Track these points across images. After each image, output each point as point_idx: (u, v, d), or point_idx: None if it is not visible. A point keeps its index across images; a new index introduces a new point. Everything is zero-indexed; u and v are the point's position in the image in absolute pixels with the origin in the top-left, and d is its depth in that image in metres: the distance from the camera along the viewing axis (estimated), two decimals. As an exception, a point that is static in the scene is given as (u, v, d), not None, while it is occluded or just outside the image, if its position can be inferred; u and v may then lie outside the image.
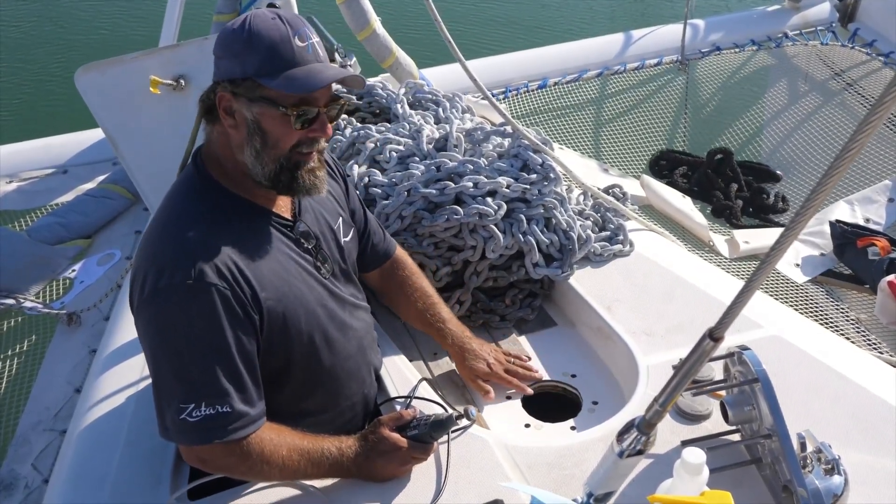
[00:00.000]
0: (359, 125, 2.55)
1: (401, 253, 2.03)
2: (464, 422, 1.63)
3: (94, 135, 3.57)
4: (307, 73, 1.39)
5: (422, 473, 1.58)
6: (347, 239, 1.73)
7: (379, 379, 1.85)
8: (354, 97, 2.76)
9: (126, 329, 2.25)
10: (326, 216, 1.68)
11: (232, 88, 1.40)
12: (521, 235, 2.23)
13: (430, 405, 1.75)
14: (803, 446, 1.41)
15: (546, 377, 2.08)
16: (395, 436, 1.55)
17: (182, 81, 1.98)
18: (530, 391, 1.96)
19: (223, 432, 1.38)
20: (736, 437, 1.61)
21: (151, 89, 1.90)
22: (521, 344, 2.21)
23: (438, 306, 1.98)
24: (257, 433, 1.43)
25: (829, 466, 1.40)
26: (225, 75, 1.41)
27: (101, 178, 3.47)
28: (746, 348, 1.55)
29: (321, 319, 1.57)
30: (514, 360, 2.03)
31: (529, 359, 2.08)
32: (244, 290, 1.40)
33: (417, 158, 2.36)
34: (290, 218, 1.58)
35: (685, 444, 1.60)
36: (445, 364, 2.13)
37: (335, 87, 1.61)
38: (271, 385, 1.50)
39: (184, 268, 1.36)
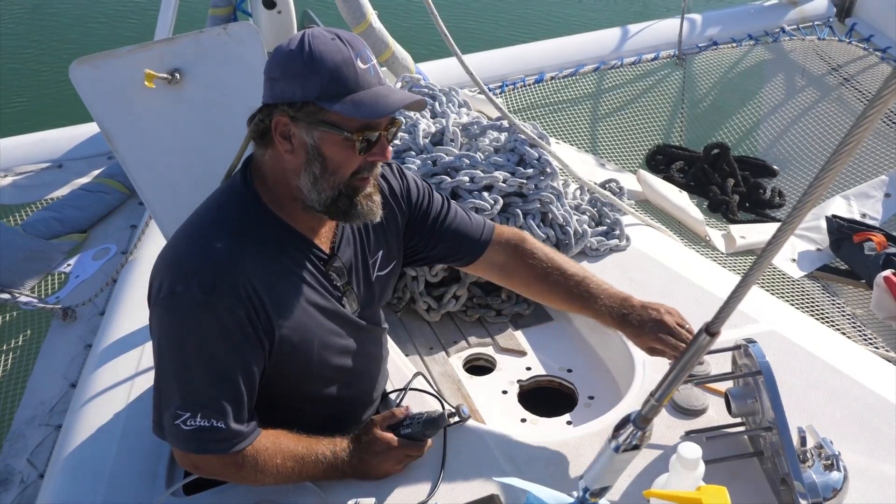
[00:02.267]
0: (355, 119, 2.55)
1: (509, 231, 1.78)
2: (456, 419, 1.63)
3: (90, 129, 3.56)
4: (374, 98, 1.32)
5: (418, 468, 1.58)
6: (383, 273, 1.64)
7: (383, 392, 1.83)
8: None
9: (121, 324, 2.24)
10: (367, 249, 1.59)
11: (291, 112, 1.32)
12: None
13: (424, 400, 1.75)
14: (804, 441, 1.41)
15: (542, 371, 2.08)
16: (388, 435, 1.54)
17: (177, 75, 1.96)
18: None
19: (215, 445, 1.38)
20: (739, 429, 1.62)
21: (146, 83, 1.88)
22: (518, 339, 2.21)
23: (583, 280, 1.70)
24: (252, 445, 1.42)
25: (829, 462, 1.41)
26: (282, 98, 1.32)
27: (97, 172, 3.46)
28: (753, 341, 1.55)
29: (334, 351, 1.53)
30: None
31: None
32: (258, 313, 1.37)
33: (414, 153, 2.35)
34: (326, 251, 1.51)
35: (688, 434, 1.60)
36: (441, 359, 2.13)
37: None
38: (272, 403, 1.49)
39: (201, 279, 1.32)
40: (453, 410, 1.60)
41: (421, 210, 1.68)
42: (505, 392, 2.02)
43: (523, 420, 1.93)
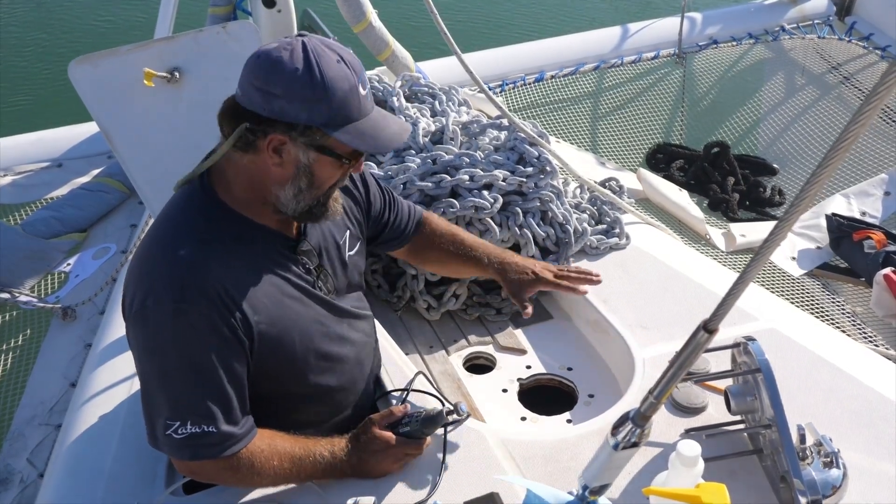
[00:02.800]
0: (354, 118, 2.55)
1: (426, 214, 1.93)
2: (454, 417, 1.63)
3: (89, 128, 3.56)
4: (374, 129, 1.36)
5: (418, 466, 1.58)
6: (353, 252, 1.67)
7: (377, 379, 1.84)
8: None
9: (121, 323, 2.24)
10: (333, 231, 1.62)
11: (292, 134, 1.33)
12: (517, 228, 2.22)
13: (425, 399, 1.75)
14: (803, 438, 1.41)
15: (542, 370, 2.08)
16: (387, 434, 1.54)
17: (177, 74, 1.96)
18: (585, 290, 1.85)
19: (209, 450, 1.38)
20: (738, 427, 1.62)
21: (145, 82, 1.88)
22: (518, 337, 2.21)
23: (466, 240, 1.90)
24: (247, 447, 1.42)
25: (828, 459, 1.41)
26: (282, 117, 1.30)
27: (97, 171, 3.46)
28: (752, 339, 1.55)
29: (316, 339, 1.54)
30: (566, 269, 1.90)
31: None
32: (233, 314, 1.36)
33: (414, 151, 2.35)
34: (293, 236, 1.53)
35: (688, 431, 1.61)
36: (441, 358, 2.13)
37: None
38: (264, 401, 1.48)
39: (171, 288, 1.32)
40: (451, 408, 1.60)
41: (377, 204, 1.77)
42: (505, 390, 2.02)
43: (523, 418, 1.93)
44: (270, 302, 1.44)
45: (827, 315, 2.90)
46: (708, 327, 1.04)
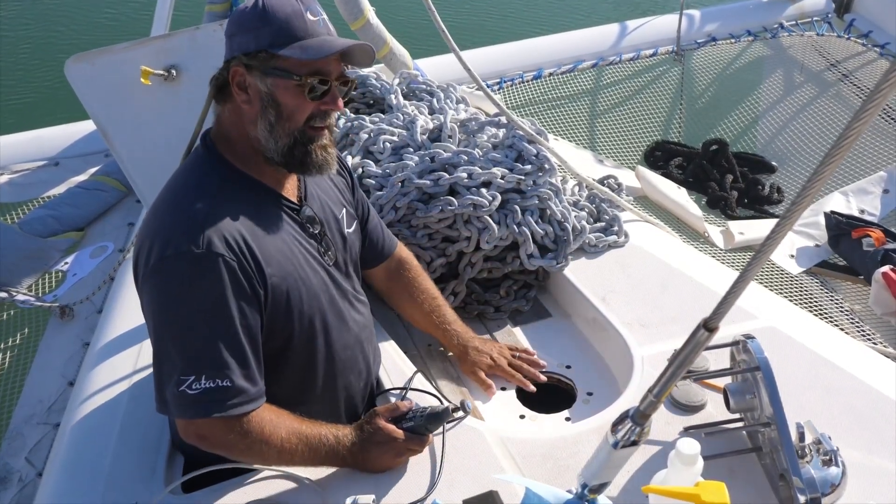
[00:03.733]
0: (352, 116, 2.54)
1: (405, 252, 2.02)
2: (459, 414, 1.63)
3: (86, 126, 3.55)
4: (320, 42, 1.42)
5: (417, 464, 1.57)
6: (350, 230, 1.72)
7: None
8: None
9: (119, 321, 2.24)
10: (331, 205, 1.68)
11: (246, 61, 1.42)
12: (515, 226, 2.22)
13: (425, 397, 1.75)
14: (802, 436, 1.41)
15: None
16: (391, 427, 1.54)
17: (174, 72, 1.96)
18: (532, 388, 1.96)
19: (222, 406, 1.37)
20: (738, 425, 1.62)
21: (142, 80, 1.88)
22: (516, 335, 2.21)
23: (444, 308, 2.01)
24: (257, 412, 1.43)
25: (828, 457, 1.41)
26: (238, 50, 1.42)
27: (94, 169, 3.45)
28: (751, 337, 1.55)
29: (323, 304, 1.57)
30: (519, 354, 2.04)
31: (534, 354, 2.07)
32: (250, 264, 1.40)
33: (412, 149, 2.34)
34: (296, 202, 1.58)
35: (687, 430, 1.61)
36: (440, 356, 2.12)
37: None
38: (270, 369, 1.49)
39: (192, 237, 1.36)
40: (457, 405, 1.60)
41: (357, 190, 1.84)
42: (503, 388, 2.02)
43: (522, 416, 1.93)
44: (281, 257, 1.48)
45: (826, 313, 2.90)
46: (708, 325, 1.03)
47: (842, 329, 2.75)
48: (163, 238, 1.38)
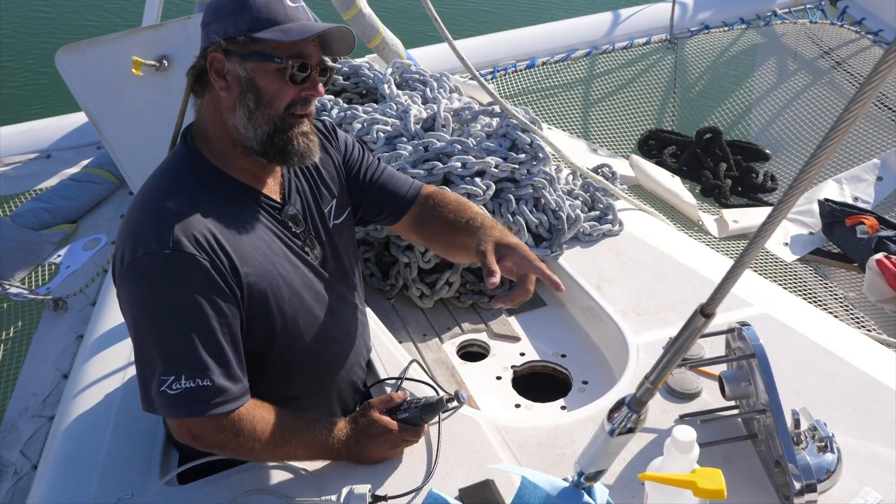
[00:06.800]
0: (345, 106, 2.53)
1: (431, 188, 1.83)
2: (454, 404, 1.63)
3: (78, 118, 3.53)
4: (301, 26, 1.41)
5: (412, 455, 1.57)
6: (339, 221, 1.68)
7: (369, 363, 1.83)
8: (341, 77, 2.73)
9: (113, 314, 2.23)
10: (318, 199, 1.63)
11: (225, 46, 1.39)
12: (510, 215, 2.22)
13: (420, 387, 1.75)
14: (797, 423, 1.42)
15: (536, 357, 2.08)
16: (386, 418, 1.54)
17: (165, 62, 1.94)
18: (562, 287, 1.58)
19: (204, 406, 1.36)
20: (733, 412, 1.62)
21: (133, 70, 1.86)
22: (511, 324, 2.21)
23: (474, 210, 1.74)
24: (247, 410, 1.41)
25: (823, 444, 1.41)
26: (216, 35, 1.40)
27: (86, 162, 3.43)
28: (746, 324, 1.55)
29: (306, 301, 1.54)
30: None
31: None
32: (223, 263, 1.38)
33: (405, 139, 2.34)
34: (278, 200, 1.54)
35: (683, 417, 1.61)
36: (435, 346, 2.12)
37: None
38: (254, 366, 1.48)
39: (161, 237, 1.33)
40: (451, 396, 1.60)
41: (354, 162, 1.75)
42: (499, 378, 2.02)
43: (517, 405, 1.93)
44: (259, 255, 1.45)
45: (820, 300, 2.91)
46: (705, 312, 1.03)
47: (836, 316, 2.76)
48: (134, 238, 1.36)
